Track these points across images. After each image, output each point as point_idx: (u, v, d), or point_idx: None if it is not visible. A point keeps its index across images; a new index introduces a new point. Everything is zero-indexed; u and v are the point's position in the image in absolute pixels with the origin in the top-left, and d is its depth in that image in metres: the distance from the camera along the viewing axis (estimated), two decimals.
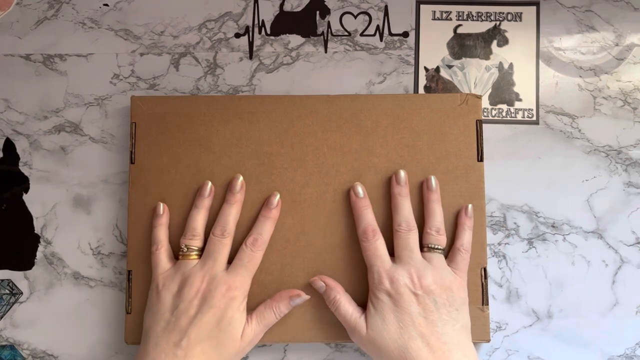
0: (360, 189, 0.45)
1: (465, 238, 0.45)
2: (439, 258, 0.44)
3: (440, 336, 0.40)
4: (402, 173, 0.45)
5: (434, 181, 0.45)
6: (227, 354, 0.41)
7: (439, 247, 0.44)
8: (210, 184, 0.46)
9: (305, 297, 0.44)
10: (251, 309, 0.44)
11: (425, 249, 0.44)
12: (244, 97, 0.48)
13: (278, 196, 0.45)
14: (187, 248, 0.44)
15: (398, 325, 0.41)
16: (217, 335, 0.41)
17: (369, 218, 0.45)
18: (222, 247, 0.44)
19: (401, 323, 0.41)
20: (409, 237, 0.43)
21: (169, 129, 0.47)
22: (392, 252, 0.44)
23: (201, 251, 0.44)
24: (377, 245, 0.44)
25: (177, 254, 0.45)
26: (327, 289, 0.44)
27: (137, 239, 0.46)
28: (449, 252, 0.45)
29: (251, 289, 0.45)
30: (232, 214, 0.45)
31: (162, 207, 0.46)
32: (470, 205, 0.45)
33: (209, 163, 0.47)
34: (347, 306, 0.43)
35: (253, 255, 0.44)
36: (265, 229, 0.45)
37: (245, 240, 0.44)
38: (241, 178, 0.45)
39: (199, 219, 0.45)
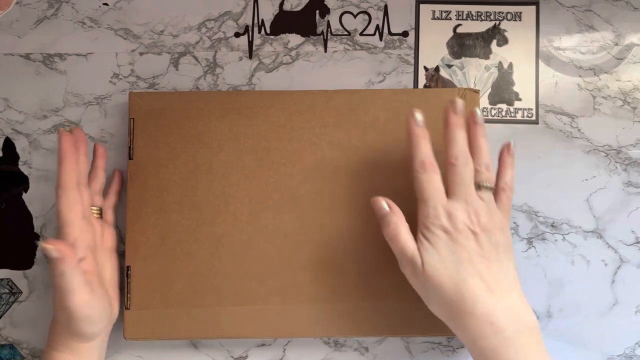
0: (420, 116, 0.41)
1: (508, 176, 0.42)
2: (490, 197, 0.41)
3: (497, 276, 0.39)
4: (460, 101, 0.41)
5: (479, 114, 0.42)
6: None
7: (490, 185, 0.41)
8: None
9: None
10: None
11: (477, 188, 0.40)
12: (242, 93, 0.48)
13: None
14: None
15: (456, 261, 0.39)
16: None
17: (428, 148, 0.41)
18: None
19: (459, 260, 0.39)
20: (466, 170, 0.40)
21: (167, 125, 0.47)
22: None
23: None
24: (435, 178, 0.40)
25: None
26: (389, 213, 0.41)
27: (136, 235, 0.46)
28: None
29: (250, 284, 0.45)
30: None
31: None
32: (512, 142, 0.43)
33: (207, 158, 0.47)
34: (406, 236, 0.40)
35: None
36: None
37: None
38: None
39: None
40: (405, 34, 0.51)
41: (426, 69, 0.51)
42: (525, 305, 0.39)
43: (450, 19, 0.51)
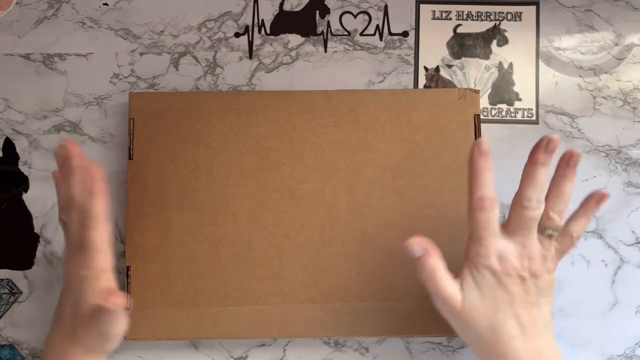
0: (487, 145, 0.38)
1: (581, 224, 0.39)
2: (550, 244, 0.39)
3: (534, 318, 0.38)
4: (556, 135, 0.38)
5: (576, 157, 0.38)
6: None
7: (555, 233, 0.39)
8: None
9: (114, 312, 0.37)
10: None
11: (540, 231, 0.39)
12: (242, 93, 0.48)
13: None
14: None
15: (496, 303, 0.38)
16: None
17: (490, 183, 0.38)
18: None
19: (500, 302, 0.38)
20: (534, 216, 0.38)
21: (167, 125, 0.47)
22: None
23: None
24: (492, 218, 0.38)
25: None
26: (424, 257, 0.38)
27: (136, 235, 0.46)
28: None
29: (250, 284, 0.45)
30: None
31: None
32: (606, 193, 0.39)
33: (207, 158, 0.47)
34: (444, 279, 0.38)
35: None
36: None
37: None
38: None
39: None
40: (405, 34, 0.51)
41: (426, 69, 0.51)
42: (553, 345, 0.39)
43: (451, 19, 0.51)
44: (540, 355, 0.38)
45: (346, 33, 0.51)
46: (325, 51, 0.51)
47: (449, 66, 0.51)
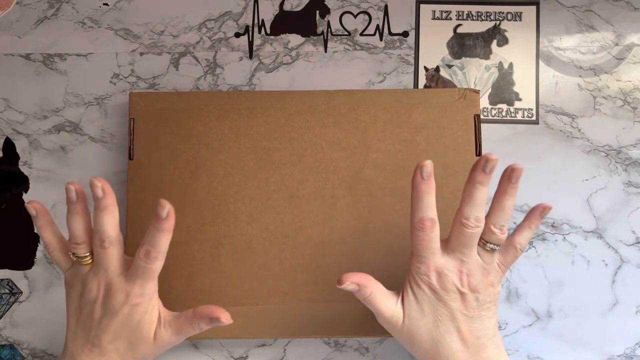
0: (429, 169, 0.38)
1: (525, 237, 0.41)
2: (491, 258, 0.39)
3: (476, 331, 0.39)
4: (494, 155, 0.38)
5: (517, 173, 0.38)
6: (143, 352, 0.40)
7: (497, 248, 0.39)
8: (73, 189, 0.39)
9: (226, 323, 0.39)
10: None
11: (481, 246, 0.39)
12: (243, 93, 0.48)
13: (167, 207, 0.37)
14: (75, 256, 0.40)
15: (437, 319, 0.39)
16: (127, 336, 0.39)
17: (430, 205, 0.39)
18: (107, 257, 0.39)
19: (440, 318, 0.39)
20: (474, 234, 0.38)
21: (167, 125, 0.47)
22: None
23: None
24: (433, 238, 0.39)
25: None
26: (360, 288, 0.39)
27: (135, 235, 0.46)
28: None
29: (250, 284, 0.45)
30: (106, 222, 0.38)
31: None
32: (547, 206, 0.40)
33: (207, 159, 0.47)
34: (382, 300, 0.40)
35: (147, 268, 0.39)
36: (158, 242, 0.38)
37: (138, 250, 0.39)
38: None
39: (77, 224, 0.39)
40: (405, 34, 0.51)
41: (426, 69, 0.51)
42: (501, 352, 0.40)
43: (451, 19, 0.51)
44: None
45: (346, 33, 0.51)
46: (326, 51, 0.51)
47: (449, 66, 0.51)
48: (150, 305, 0.40)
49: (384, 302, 0.40)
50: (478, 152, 0.47)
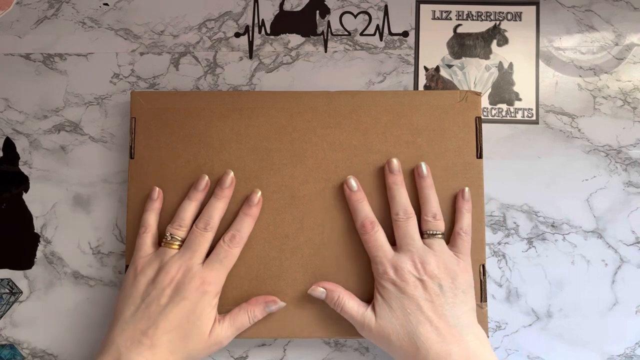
0: (353, 182, 0.45)
1: (465, 221, 0.45)
2: (439, 243, 0.44)
3: (448, 319, 0.40)
4: (395, 161, 0.45)
5: (424, 167, 0.45)
6: (194, 348, 0.41)
7: (438, 232, 0.44)
8: (206, 178, 0.46)
9: (281, 304, 0.44)
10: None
11: (425, 236, 0.44)
12: (244, 93, 0.48)
13: (259, 194, 0.45)
14: (171, 237, 0.44)
15: (405, 311, 0.41)
16: (185, 328, 0.41)
17: (365, 210, 0.45)
18: (203, 240, 0.43)
19: (408, 309, 0.41)
20: (408, 224, 0.44)
21: (168, 125, 0.47)
22: (393, 242, 0.45)
23: (184, 242, 0.44)
24: (377, 237, 0.44)
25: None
26: (328, 292, 0.44)
27: (136, 234, 0.46)
28: (450, 236, 0.45)
29: (250, 284, 0.45)
30: (218, 209, 0.45)
31: (157, 192, 0.46)
32: (467, 189, 0.45)
33: (208, 158, 0.47)
34: (351, 303, 0.43)
35: (229, 252, 0.44)
36: (244, 226, 0.45)
37: (223, 235, 0.44)
38: (232, 174, 0.46)
39: (189, 210, 0.45)
40: (405, 34, 0.51)
41: (426, 69, 0.51)
42: (483, 344, 0.40)
43: (451, 19, 0.51)
44: (468, 354, 0.39)
45: (346, 33, 0.51)
46: (326, 51, 0.51)
47: (449, 66, 0.51)
48: (214, 301, 0.43)
49: (354, 305, 0.43)
50: (479, 154, 0.46)
